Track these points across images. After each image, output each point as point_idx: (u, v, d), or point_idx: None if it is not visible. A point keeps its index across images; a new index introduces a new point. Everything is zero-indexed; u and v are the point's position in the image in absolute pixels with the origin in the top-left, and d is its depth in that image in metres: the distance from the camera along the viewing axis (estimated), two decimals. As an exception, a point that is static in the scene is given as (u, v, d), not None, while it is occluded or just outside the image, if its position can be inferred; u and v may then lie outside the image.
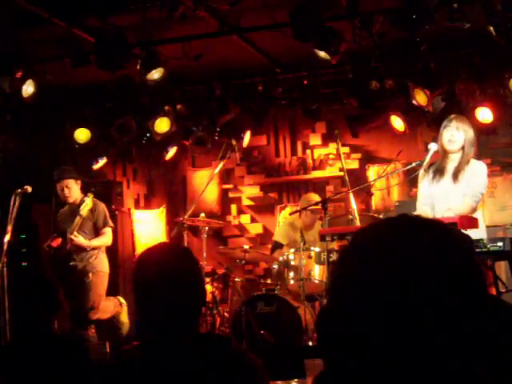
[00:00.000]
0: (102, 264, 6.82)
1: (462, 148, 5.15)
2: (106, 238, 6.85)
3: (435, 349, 1.05)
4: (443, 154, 5.23)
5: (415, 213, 5.18)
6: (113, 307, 7.02)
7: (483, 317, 1.07)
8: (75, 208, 6.73)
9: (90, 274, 6.69)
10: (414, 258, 1.07)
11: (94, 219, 6.80)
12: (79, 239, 6.60)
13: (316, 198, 7.04)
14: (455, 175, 5.16)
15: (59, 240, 6.78)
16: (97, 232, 6.82)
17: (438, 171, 5.25)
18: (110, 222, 6.92)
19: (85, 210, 6.62)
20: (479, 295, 1.08)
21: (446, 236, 1.11)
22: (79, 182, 6.93)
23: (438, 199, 5.21)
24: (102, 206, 6.89)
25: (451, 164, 5.22)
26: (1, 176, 8.16)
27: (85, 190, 6.95)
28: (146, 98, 8.12)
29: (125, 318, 7.11)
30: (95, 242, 6.74)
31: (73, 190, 6.84)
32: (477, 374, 1.10)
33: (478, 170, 5.17)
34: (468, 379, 1.08)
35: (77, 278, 6.69)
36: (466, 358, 1.07)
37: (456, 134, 5.13)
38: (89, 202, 6.64)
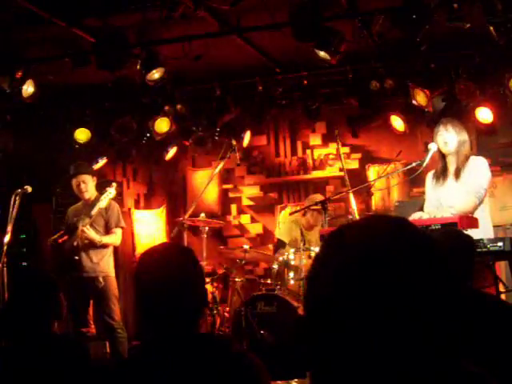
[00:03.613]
0: (109, 268, 6.74)
1: (457, 148, 5.30)
2: (115, 238, 6.75)
3: (416, 343, 1.05)
4: (442, 157, 5.40)
5: (424, 214, 5.27)
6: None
7: (460, 310, 1.08)
8: (90, 205, 6.66)
9: (101, 279, 6.61)
10: (388, 257, 1.07)
11: (107, 217, 6.72)
12: (91, 233, 6.52)
13: (321, 198, 7.06)
14: (457, 174, 5.33)
15: (65, 237, 6.75)
16: (107, 231, 6.74)
17: (442, 173, 5.42)
18: (122, 223, 6.83)
19: (107, 199, 6.54)
20: (451, 289, 1.09)
21: (419, 235, 1.12)
22: (95, 178, 6.87)
23: (444, 200, 5.31)
24: (117, 207, 6.84)
25: (452, 165, 5.38)
26: (1, 176, 8.16)
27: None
28: (146, 98, 8.11)
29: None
30: (106, 239, 6.65)
31: (89, 185, 6.76)
32: (465, 369, 1.11)
33: (477, 165, 5.29)
34: (456, 376, 1.08)
35: (88, 285, 6.61)
36: (451, 354, 1.07)
37: (448, 136, 5.31)
38: (112, 191, 6.57)
